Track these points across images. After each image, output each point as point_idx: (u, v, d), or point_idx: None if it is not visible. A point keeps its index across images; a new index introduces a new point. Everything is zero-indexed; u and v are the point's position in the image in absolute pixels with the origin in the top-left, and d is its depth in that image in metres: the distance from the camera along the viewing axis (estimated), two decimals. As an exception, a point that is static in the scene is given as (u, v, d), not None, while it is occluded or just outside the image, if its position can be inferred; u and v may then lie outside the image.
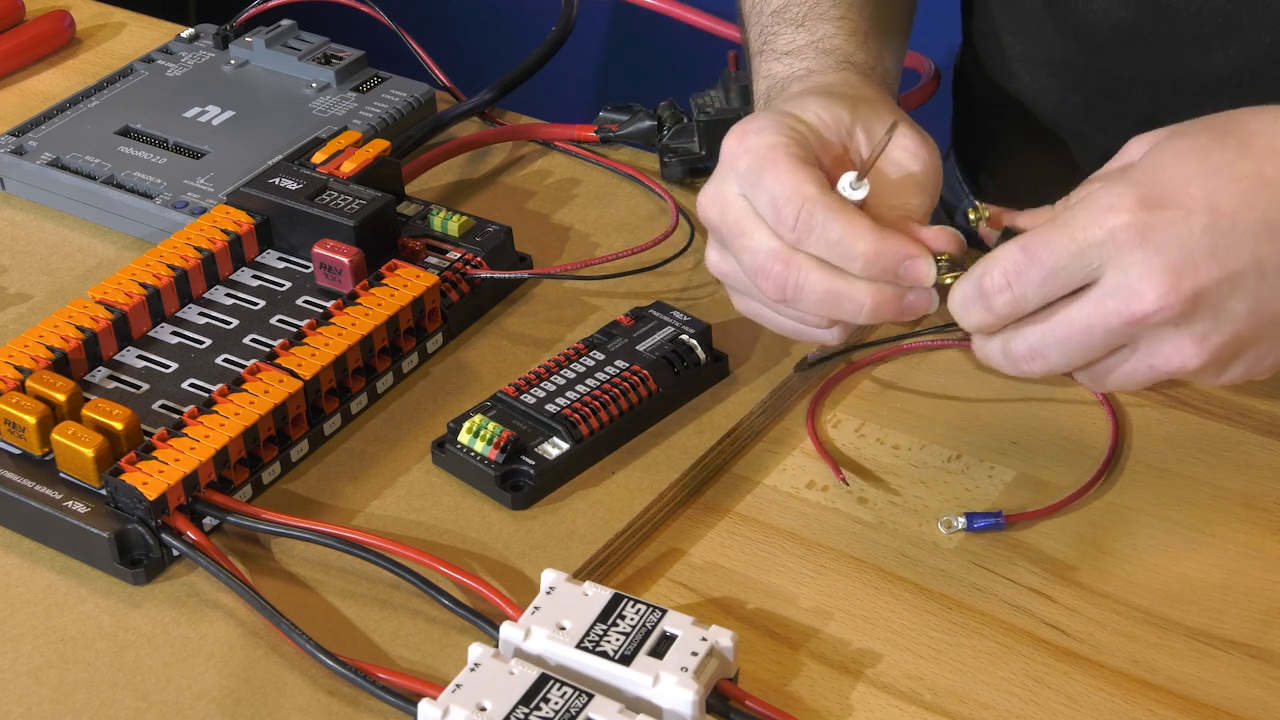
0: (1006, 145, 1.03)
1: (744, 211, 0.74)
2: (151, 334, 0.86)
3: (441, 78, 1.07)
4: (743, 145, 0.74)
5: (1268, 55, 0.87)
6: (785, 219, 0.72)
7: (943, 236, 0.72)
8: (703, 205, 0.76)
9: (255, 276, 0.89)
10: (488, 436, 0.79)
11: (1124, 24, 0.90)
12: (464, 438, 0.80)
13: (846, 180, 0.73)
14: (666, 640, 0.68)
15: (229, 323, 0.86)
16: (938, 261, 0.72)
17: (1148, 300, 0.66)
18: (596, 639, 0.68)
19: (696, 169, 0.99)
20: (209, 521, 0.78)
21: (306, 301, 0.87)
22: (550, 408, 0.80)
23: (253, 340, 0.85)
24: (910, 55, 1.06)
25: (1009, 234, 0.71)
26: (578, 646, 0.68)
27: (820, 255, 0.72)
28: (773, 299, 0.74)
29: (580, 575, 0.75)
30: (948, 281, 0.71)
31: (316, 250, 0.87)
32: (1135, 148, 0.71)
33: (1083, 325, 0.68)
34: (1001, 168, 1.05)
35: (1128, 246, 0.66)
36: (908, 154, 0.76)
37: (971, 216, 0.73)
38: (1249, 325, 0.67)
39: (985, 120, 1.05)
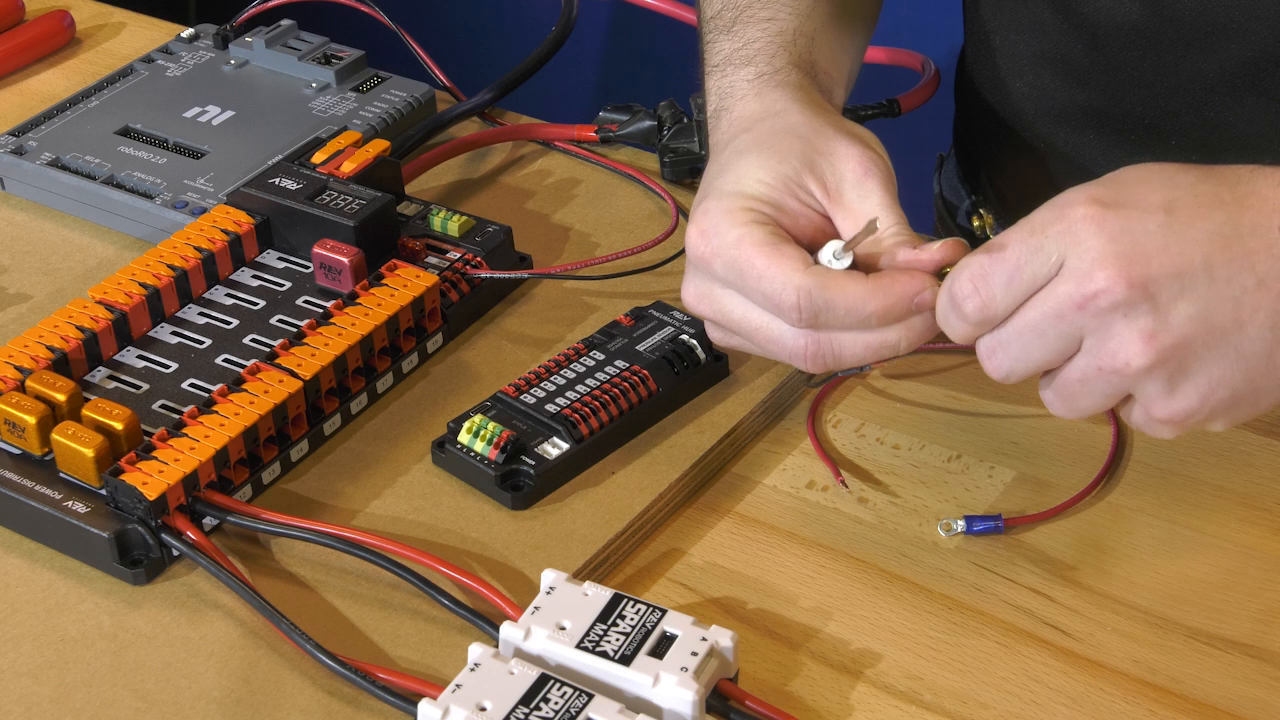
0: (1009, 145, 1.03)
1: (744, 309, 0.74)
2: (151, 334, 0.86)
3: (441, 78, 1.07)
4: (709, 246, 0.74)
5: (1271, 56, 0.87)
6: (788, 312, 0.72)
7: (947, 249, 0.73)
8: (691, 304, 0.77)
9: (255, 276, 0.89)
10: (488, 436, 0.79)
11: (1128, 23, 0.90)
12: (464, 438, 0.80)
13: (830, 252, 0.73)
14: (666, 640, 0.68)
15: (229, 323, 0.86)
16: (945, 270, 0.72)
17: (1097, 281, 0.67)
18: (596, 639, 0.68)
19: (696, 169, 0.99)
20: (209, 521, 0.78)
21: (306, 301, 0.87)
22: (550, 408, 0.80)
23: (253, 340, 0.85)
24: (910, 55, 1.06)
25: None
26: (578, 646, 0.68)
27: (836, 328, 0.73)
28: (818, 373, 0.76)
29: (580, 575, 0.75)
30: None
31: (316, 250, 0.87)
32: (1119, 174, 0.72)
33: (1037, 315, 0.68)
34: (1003, 168, 1.05)
35: (1083, 234, 0.67)
36: (861, 170, 0.76)
37: (975, 223, 0.73)
38: (1196, 331, 0.67)
39: (986, 120, 1.05)
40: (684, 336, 0.84)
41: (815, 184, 0.76)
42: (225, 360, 0.84)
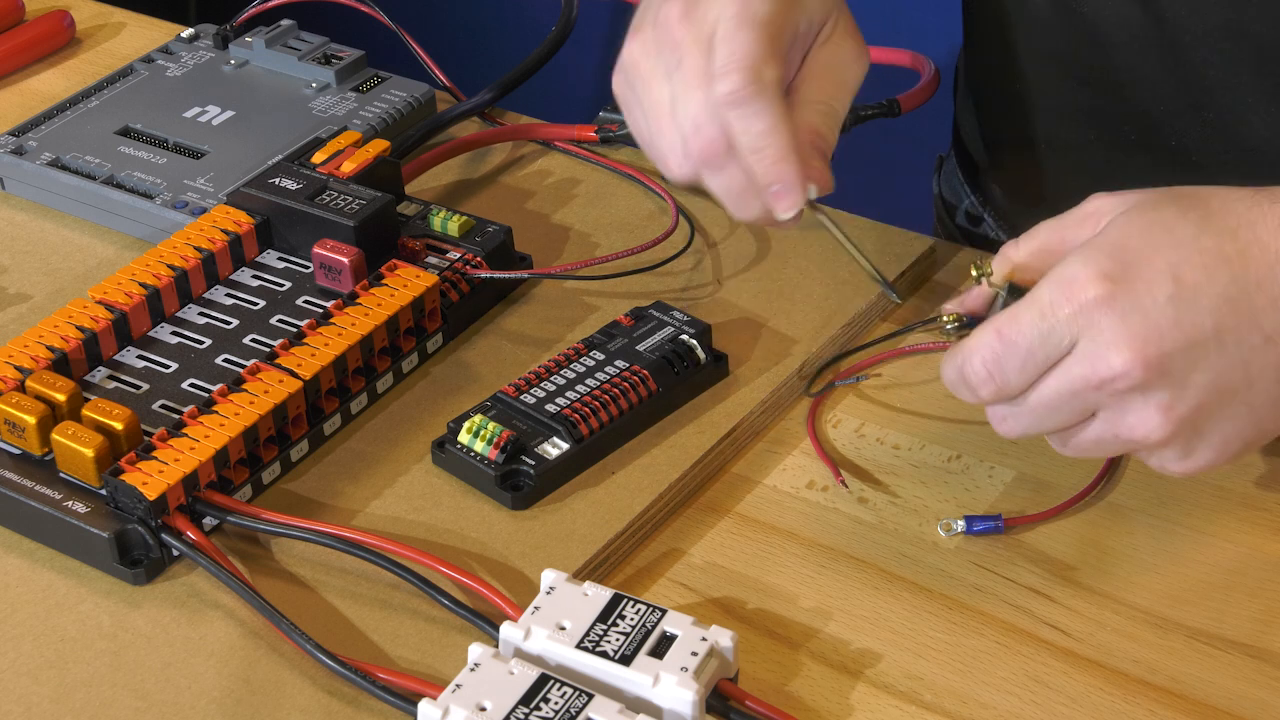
0: (1009, 145, 1.03)
1: (667, 87, 0.76)
2: (151, 334, 0.86)
3: (441, 78, 1.07)
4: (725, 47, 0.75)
5: (1269, 54, 0.87)
6: (728, 78, 0.74)
7: (822, 174, 0.76)
8: (633, 49, 0.78)
9: (255, 276, 0.89)
10: (488, 436, 0.79)
11: (1128, 21, 0.90)
12: (464, 438, 0.80)
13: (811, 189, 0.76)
14: (666, 640, 0.68)
15: (229, 323, 0.86)
16: (946, 320, 0.73)
17: (1114, 365, 0.67)
18: (596, 639, 0.68)
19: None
20: (209, 521, 0.78)
21: (306, 301, 0.87)
22: (550, 408, 0.80)
23: (253, 340, 0.85)
24: (910, 55, 1.06)
25: (1016, 290, 0.72)
26: (578, 646, 0.68)
27: (735, 132, 0.74)
28: (676, 179, 0.78)
29: (580, 575, 0.75)
30: (954, 340, 0.72)
31: (316, 250, 0.87)
32: (1099, 204, 0.72)
33: (1052, 393, 0.69)
34: (1003, 168, 1.05)
35: (1095, 316, 0.68)
36: (848, 57, 0.78)
37: (974, 273, 0.74)
38: (1210, 397, 0.68)
39: (987, 120, 1.05)
40: (684, 337, 0.84)
41: (802, 45, 0.78)
42: (225, 360, 0.84)
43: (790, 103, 0.77)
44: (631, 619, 0.69)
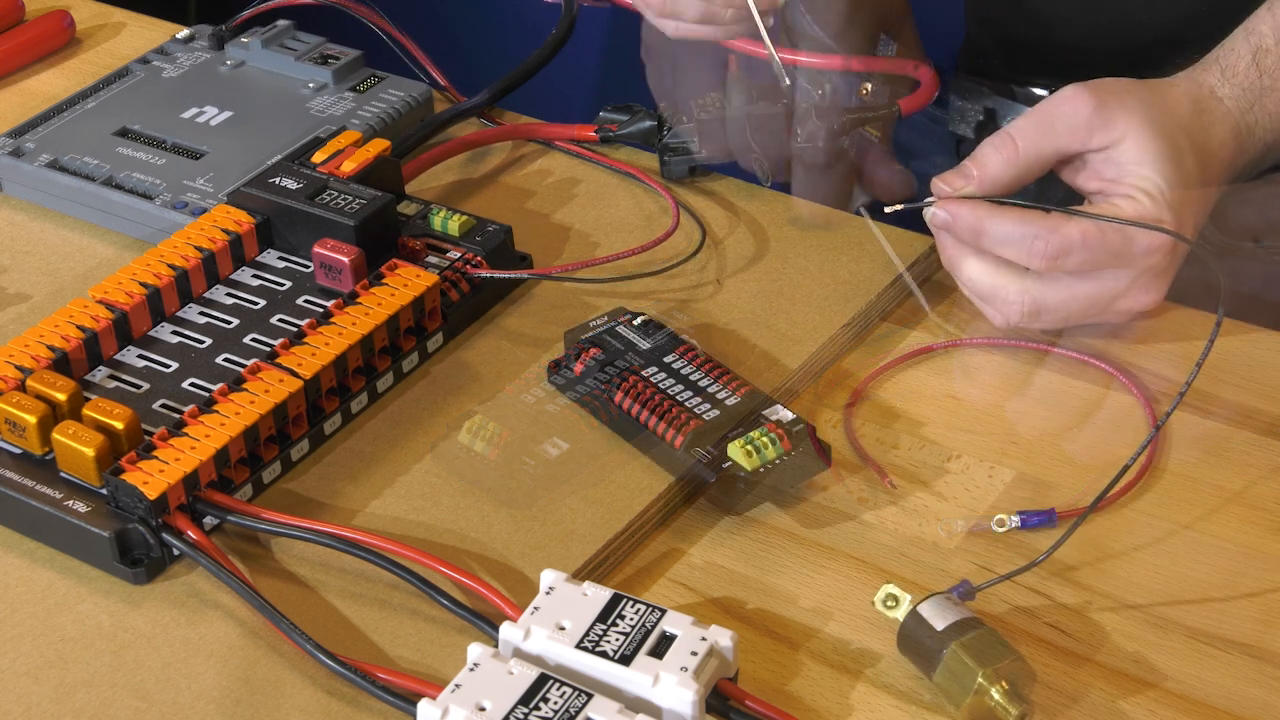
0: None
1: None
2: (152, 334, 0.86)
3: (441, 79, 1.07)
4: None
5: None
6: None
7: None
8: None
9: (255, 276, 0.89)
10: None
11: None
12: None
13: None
14: (666, 640, 0.68)
15: (229, 322, 0.86)
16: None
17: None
18: (596, 639, 0.68)
19: (696, 168, 0.99)
20: (209, 521, 0.78)
21: (306, 301, 0.87)
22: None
23: (253, 340, 0.85)
24: (912, 63, 1.06)
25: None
26: (577, 646, 0.68)
27: None
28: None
29: (580, 575, 0.75)
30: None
31: (317, 250, 0.87)
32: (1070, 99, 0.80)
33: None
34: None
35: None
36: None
37: None
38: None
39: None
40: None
41: None
42: (225, 360, 0.84)
43: None
44: (631, 619, 0.69)
